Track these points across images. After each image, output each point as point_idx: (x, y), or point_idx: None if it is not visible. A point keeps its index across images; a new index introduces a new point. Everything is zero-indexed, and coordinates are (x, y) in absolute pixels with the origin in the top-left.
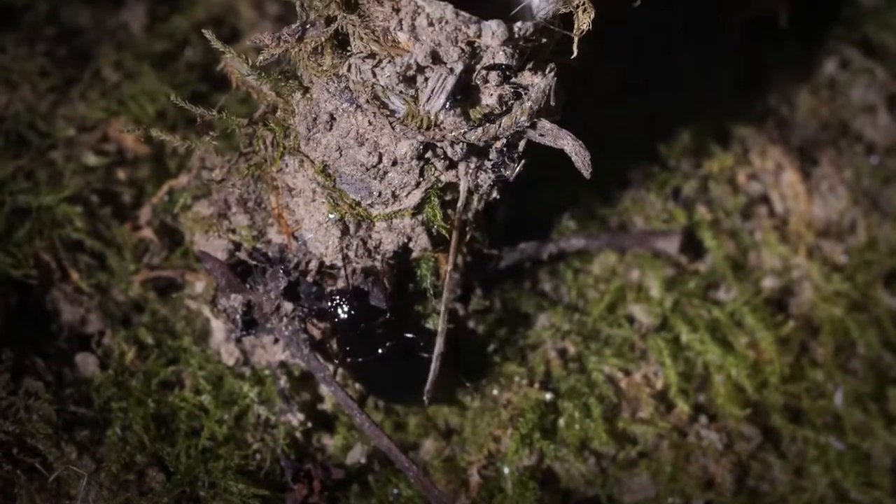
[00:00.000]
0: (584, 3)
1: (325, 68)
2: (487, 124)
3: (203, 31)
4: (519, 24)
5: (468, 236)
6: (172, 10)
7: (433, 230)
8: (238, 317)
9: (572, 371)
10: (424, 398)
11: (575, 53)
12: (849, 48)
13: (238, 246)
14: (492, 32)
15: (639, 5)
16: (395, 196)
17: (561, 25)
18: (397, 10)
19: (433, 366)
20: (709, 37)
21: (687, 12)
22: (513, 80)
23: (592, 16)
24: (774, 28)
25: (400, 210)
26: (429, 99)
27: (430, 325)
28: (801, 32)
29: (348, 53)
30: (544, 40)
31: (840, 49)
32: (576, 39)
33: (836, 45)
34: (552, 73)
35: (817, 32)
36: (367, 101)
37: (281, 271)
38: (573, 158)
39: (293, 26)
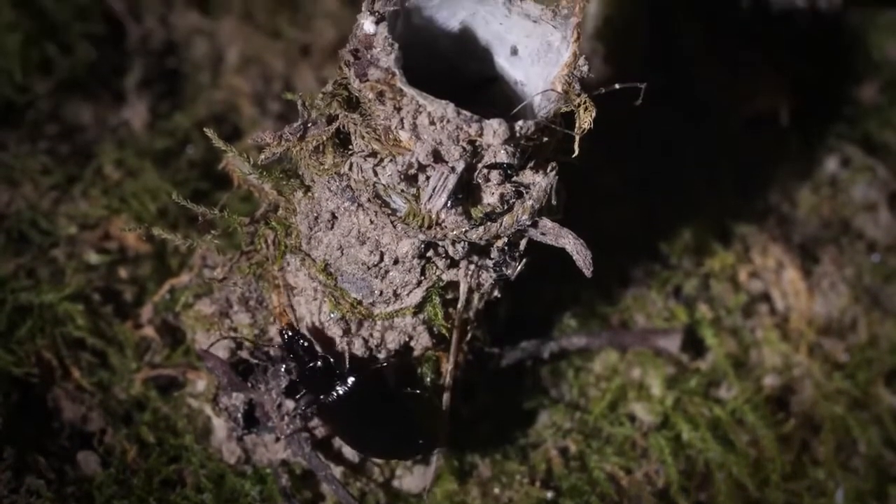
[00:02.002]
0: (585, 102)
1: (326, 167)
2: (489, 223)
3: (204, 129)
4: (520, 122)
5: (469, 335)
6: (174, 107)
7: (434, 329)
8: (239, 415)
9: (573, 469)
10: (424, 496)
11: (576, 152)
12: (850, 146)
13: (240, 344)
14: (493, 131)
15: (640, 104)
16: (396, 295)
17: (562, 124)
18: (399, 109)
19: (433, 466)
20: (710, 134)
21: (688, 109)
22: (514, 178)
23: (594, 114)
24: (776, 125)
25: (401, 309)
26: (430, 198)
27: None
28: (802, 130)
29: (350, 152)
30: (546, 139)
31: (841, 147)
32: (577, 138)
33: (837, 142)
34: (553, 172)
35: (818, 130)
36: (369, 200)
37: (282, 370)
38: (574, 257)
39: (295, 125)
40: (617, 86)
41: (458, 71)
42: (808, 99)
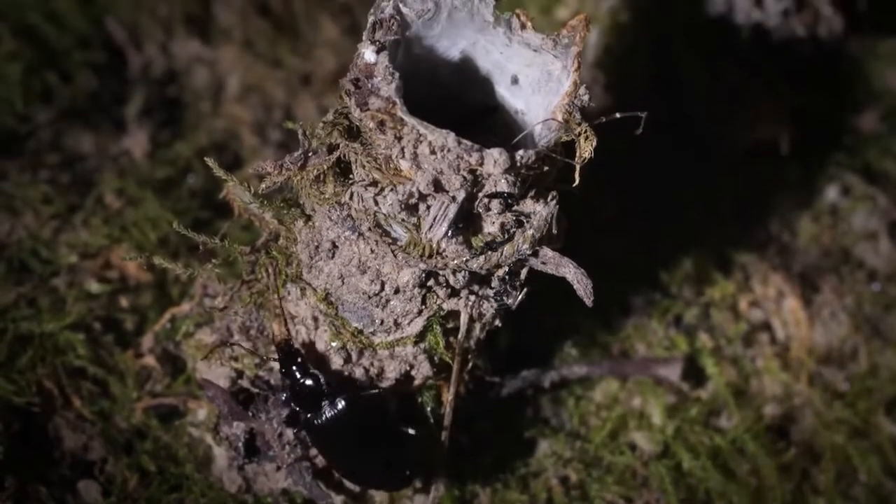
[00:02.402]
0: (585, 131)
1: (327, 196)
2: (489, 252)
3: (205, 158)
4: (521, 152)
5: (470, 364)
6: (175, 136)
7: (435, 358)
8: (240, 444)
9: (574, 499)
10: None
11: (577, 181)
12: (850, 175)
13: (240, 374)
14: (494, 161)
15: (640, 132)
16: (397, 324)
17: (563, 153)
18: (399, 139)
19: (432, 495)
20: (710, 163)
21: (688, 138)
22: (515, 207)
23: (594, 144)
24: (776, 154)
25: (402, 338)
26: (431, 227)
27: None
28: (802, 159)
29: (350, 181)
30: (546, 168)
31: (841, 175)
32: (577, 167)
33: (837, 171)
34: (554, 201)
35: (819, 159)
36: (370, 229)
37: (283, 399)
38: (575, 286)
39: (295, 154)
40: (617, 115)
41: (458, 100)
42: (808, 128)
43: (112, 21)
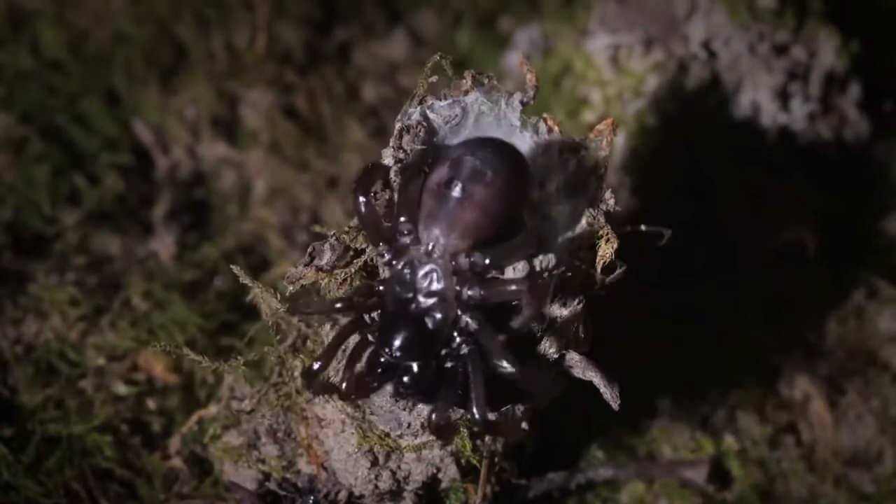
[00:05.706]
0: (606, 234)
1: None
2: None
3: (231, 266)
4: (541, 257)
5: (497, 466)
6: (202, 238)
7: (462, 461)
8: None
9: None
10: None
11: (598, 283)
12: (876, 277)
13: (268, 476)
14: (513, 268)
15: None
16: (424, 427)
17: (587, 256)
18: None
19: None
20: (736, 264)
21: (714, 240)
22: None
23: (615, 246)
24: (802, 256)
25: (429, 441)
26: None
27: None
28: (828, 261)
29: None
30: (570, 273)
31: (867, 278)
32: (598, 268)
33: (863, 273)
34: (580, 305)
35: (844, 261)
36: None
37: (310, 501)
38: (601, 390)
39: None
40: (643, 227)
41: None
42: (834, 230)
43: (139, 123)
